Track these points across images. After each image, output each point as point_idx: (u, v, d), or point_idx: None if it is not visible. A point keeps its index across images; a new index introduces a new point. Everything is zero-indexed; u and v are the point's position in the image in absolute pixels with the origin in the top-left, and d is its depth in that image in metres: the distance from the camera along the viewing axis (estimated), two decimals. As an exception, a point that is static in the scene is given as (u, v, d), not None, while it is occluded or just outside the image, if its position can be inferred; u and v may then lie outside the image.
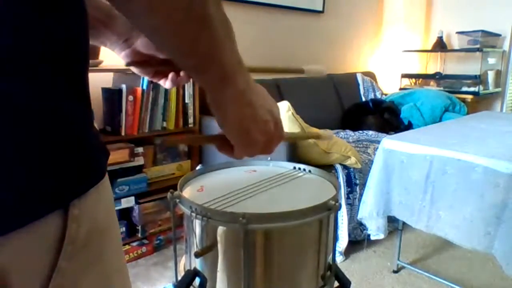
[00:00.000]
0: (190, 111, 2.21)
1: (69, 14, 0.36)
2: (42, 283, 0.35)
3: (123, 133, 1.94)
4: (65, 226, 0.36)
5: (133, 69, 0.63)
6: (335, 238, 0.62)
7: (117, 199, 1.94)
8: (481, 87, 3.36)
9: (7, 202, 0.31)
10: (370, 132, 2.90)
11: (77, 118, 0.38)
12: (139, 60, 0.61)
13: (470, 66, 3.49)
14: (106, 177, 0.44)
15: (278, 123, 0.52)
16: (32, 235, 0.33)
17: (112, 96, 1.93)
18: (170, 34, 0.38)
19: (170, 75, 0.61)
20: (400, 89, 3.73)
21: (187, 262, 0.62)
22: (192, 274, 0.57)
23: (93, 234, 0.39)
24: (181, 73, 0.61)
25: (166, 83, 0.63)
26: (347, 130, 2.99)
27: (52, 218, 0.35)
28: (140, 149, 2.03)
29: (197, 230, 0.57)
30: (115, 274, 0.45)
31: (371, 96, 3.43)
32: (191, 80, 2.30)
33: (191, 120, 2.22)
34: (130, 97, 1.93)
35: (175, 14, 0.36)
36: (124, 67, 0.70)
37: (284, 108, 1.91)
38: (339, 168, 2.06)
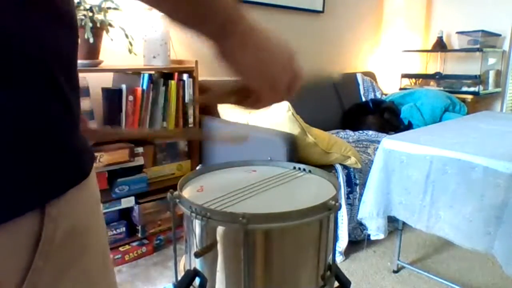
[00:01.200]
0: (190, 111, 2.21)
1: (59, 24, 0.36)
2: (17, 281, 0.35)
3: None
4: (42, 226, 0.35)
5: None
6: (335, 238, 0.62)
7: (117, 199, 1.94)
8: (481, 87, 3.36)
9: None
10: (370, 132, 2.90)
11: (56, 120, 0.37)
12: None
13: (470, 66, 3.49)
14: (91, 177, 0.43)
15: (294, 60, 0.51)
16: (7, 234, 0.33)
17: (112, 96, 1.93)
18: None
19: None
20: (400, 89, 3.73)
21: (187, 262, 0.62)
22: (192, 274, 0.57)
23: (72, 235, 0.39)
24: None
25: None
26: (347, 130, 2.99)
27: (28, 218, 0.35)
28: (140, 149, 2.03)
29: (197, 230, 0.57)
30: (99, 276, 0.44)
31: (371, 96, 3.43)
32: (190, 82, 2.28)
33: (191, 120, 2.22)
34: (130, 97, 1.93)
35: None
36: (124, 67, 0.69)
37: (284, 108, 1.91)
38: (339, 168, 2.06)
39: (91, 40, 1.73)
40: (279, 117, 1.93)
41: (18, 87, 0.33)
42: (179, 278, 0.59)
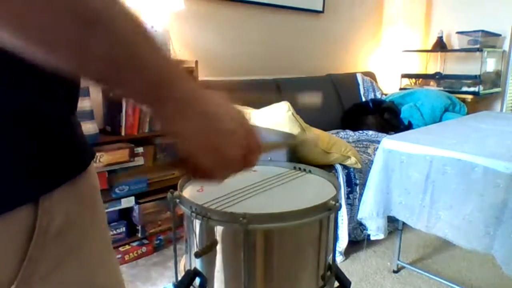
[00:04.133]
0: (190, 111, 2.21)
1: None
2: (12, 271, 0.36)
3: (123, 133, 1.94)
4: (36, 218, 0.37)
5: None
6: (335, 238, 0.62)
7: (117, 199, 1.94)
8: (481, 87, 3.36)
9: None
10: (370, 132, 2.90)
11: (53, 117, 0.38)
12: None
13: (470, 66, 3.49)
14: (89, 171, 0.44)
15: (249, 130, 0.44)
16: (2, 226, 0.35)
17: (112, 96, 1.93)
18: (48, 35, 0.29)
19: None
20: (400, 89, 3.73)
21: (187, 262, 0.62)
22: (192, 274, 0.57)
23: (69, 226, 0.40)
24: None
25: None
26: (347, 130, 2.98)
27: (22, 211, 0.36)
28: (140, 149, 2.02)
29: (197, 230, 0.57)
30: (98, 266, 0.46)
31: (371, 96, 3.43)
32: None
33: (191, 120, 2.22)
34: (130, 97, 1.93)
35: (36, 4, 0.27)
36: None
37: (284, 108, 1.91)
38: (339, 168, 2.06)
39: (91, 40, 1.73)
40: (279, 117, 1.93)
41: (16, 87, 0.34)
42: (179, 278, 0.59)
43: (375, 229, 1.79)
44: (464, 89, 3.44)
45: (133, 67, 0.34)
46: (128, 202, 1.98)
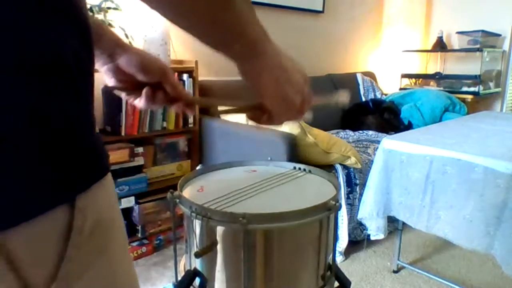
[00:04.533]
0: (190, 111, 2.21)
1: (72, 24, 0.38)
2: (51, 270, 0.37)
3: (123, 133, 1.94)
4: (72, 217, 0.38)
5: (108, 82, 0.62)
6: (335, 238, 0.62)
7: (117, 199, 1.94)
8: (481, 87, 3.36)
9: (21, 195, 0.34)
10: (370, 132, 2.90)
11: (83, 119, 0.40)
12: (118, 78, 0.61)
13: (470, 66, 3.49)
14: (109, 173, 0.46)
15: (307, 83, 0.54)
16: (42, 226, 0.35)
17: (112, 96, 1.93)
18: (193, 12, 0.40)
19: (145, 91, 0.60)
20: (400, 89, 3.73)
21: (187, 262, 0.62)
22: (192, 274, 0.57)
23: (98, 225, 0.41)
24: (157, 93, 0.60)
25: (140, 102, 0.61)
26: (347, 130, 2.98)
27: (60, 210, 0.37)
28: (140, 149, 2.03)
29: (197, 230, 0.57)
30: (120, 265, 0.47)
31: (371, 96, 3.43)
32: (190, 82, 2.29)
33: (191, 120, 2.22)
34: (130, 97, 1.93)
35: None
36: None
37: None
38: (339, 168, 2.06)
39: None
40: (279, 117, 1.93)
41: (44, 87, 0.35)
42: (179, 278, 0.59)
43: (375, 229, 1.79)
44: (464, 89, 3.44)
45: (244, 31, 0.44)
46: (128, 202, 1.98)
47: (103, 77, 0.62)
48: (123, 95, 0.63)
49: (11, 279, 0.33)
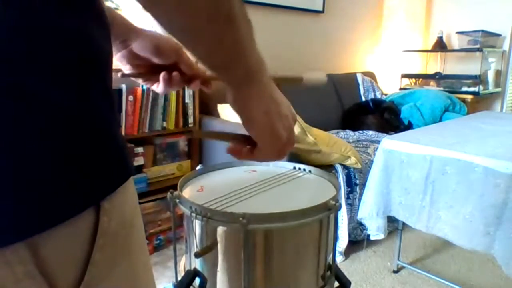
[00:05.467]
0: (190, 111, 2.21)
1: (101, 25, 0.38)
2: (77, 274, 0.36)
3: (123, 133, 1.94)
4: (98, 220, 0.37)
5: (124, 69, 0.62)
6: (335, 238, 0.62)
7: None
8: (481, 87, 3.36)
9: (50, 200, 0.33)
10: (370, 132, 2.90)
11: (110, 120, 0.40)
12: (133, 63, 0.61)
13: (470, 66, 3.49)
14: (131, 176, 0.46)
15: (294, 117, 0.53)
16: (69, 230, 0.35)
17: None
18: (197, 33, 0.40)
19: (162, 75, 0.60)
20: (400, 89, 3.73)
21: (187, 262, 0.62)
22: (192, 274, 0.57)
23: (121, 228, 0.41)
24: (173, 74, 0.60)
25: (159, 87, 0.62)
26: (347, 130, 2.98)
27: (86, 213, 0.37)
28: (140, 149, 2.03)
29: (197, 230, 0.57)
30: (141, 267, 0.47)
31: (371, 96, 3.43)
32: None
33: (191, 120, 2.22)
34: (130, 97, 1.93)
35: (202, 14, 0.38)
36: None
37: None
38: (339, 168, 2.06)
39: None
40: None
41: (72, 87, 0.34)
42: (179, 278, 0.59)
43: (375, 229, 1.79)
44: (464, 89, 3.44)
45: (246, 55, 0.44)
46: (128, 202, 1.98)
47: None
48: (140, 81, 0.63)
49: (40, 282, 0.33)
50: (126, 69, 0.62)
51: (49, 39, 0.32)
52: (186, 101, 2.18)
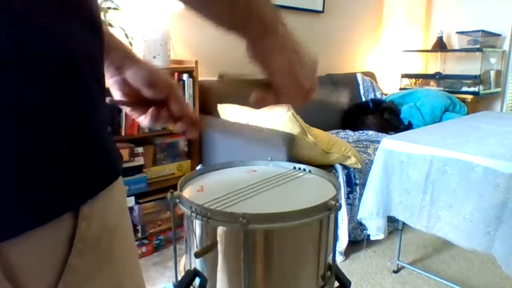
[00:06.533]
0: (190, 111, 2.21)
1: (88, 29, 0.38)
2: (51, 281, 0.35)
3: (123, 133, 1.94)
4: (76, 225, 0.36)
5: (113, 94, 0.62)
6: (335, 238, 0.62)
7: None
8: (481, 87, 3.36)
9: (22, 204, 0.32)
10: (370, 132, 2.90)
11: (94, 123, 0.39)
12: (124, 91, 0.60)
13: (470, 66, 3.49)
14: (120, 177, 0.44)
15: (316, 68, 0.54)
16: (43, 235, 0.34)
17: (112, 95, 1.93)
18: None
19: (150, 110, 0.59)
20: (400, 89, 3.73)
21: (187, 262, 0.62)
22: (192, 274, 0.57)
23: (103, 233, 0.40)
24: (162, 111, 0.59)
25: (144, 120, 0.60)
26: (347, 130, 2.98)
27: (63, 218, 0.35)
28: (140, 149, 2.03)
29: (197, 230, 0.57)
30: (127, 274, 0.45)
31: (371, 96, 3.43)
32: (190, 82, 2.29)
33: (191, 120, 2.22)
34: (130, 97, 1.93)
35: None
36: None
37: (284, 108, 1.91)
38: (339, 168, 2.06)
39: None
40: (279, 117, 1.93)
41: (51, 87, 0.33)
42: (179, 278, 0.59)
43: (375, 229, 1.79)
44: (464, 89, 3.44)
45: (260, 10, 0.46)
46: (128, 202, 1.97)
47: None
48: (127, 109, 0.62)
49: (5, 286, 0.32)
50: (116, 95, 0.61)
51: (36, 42, 0.32)
52: (186, 101, 2.18)
